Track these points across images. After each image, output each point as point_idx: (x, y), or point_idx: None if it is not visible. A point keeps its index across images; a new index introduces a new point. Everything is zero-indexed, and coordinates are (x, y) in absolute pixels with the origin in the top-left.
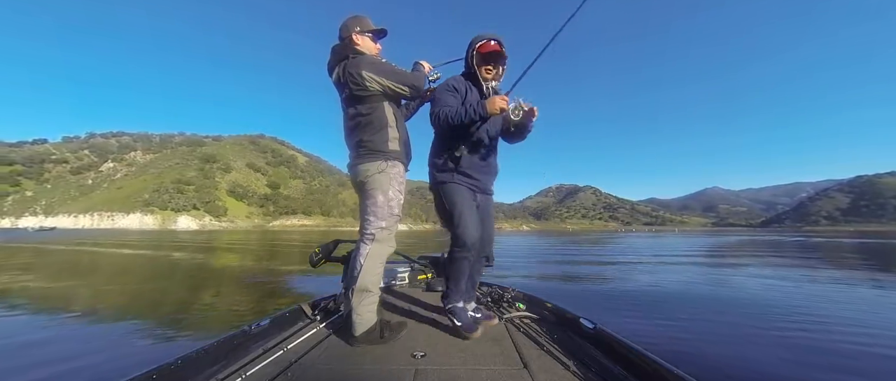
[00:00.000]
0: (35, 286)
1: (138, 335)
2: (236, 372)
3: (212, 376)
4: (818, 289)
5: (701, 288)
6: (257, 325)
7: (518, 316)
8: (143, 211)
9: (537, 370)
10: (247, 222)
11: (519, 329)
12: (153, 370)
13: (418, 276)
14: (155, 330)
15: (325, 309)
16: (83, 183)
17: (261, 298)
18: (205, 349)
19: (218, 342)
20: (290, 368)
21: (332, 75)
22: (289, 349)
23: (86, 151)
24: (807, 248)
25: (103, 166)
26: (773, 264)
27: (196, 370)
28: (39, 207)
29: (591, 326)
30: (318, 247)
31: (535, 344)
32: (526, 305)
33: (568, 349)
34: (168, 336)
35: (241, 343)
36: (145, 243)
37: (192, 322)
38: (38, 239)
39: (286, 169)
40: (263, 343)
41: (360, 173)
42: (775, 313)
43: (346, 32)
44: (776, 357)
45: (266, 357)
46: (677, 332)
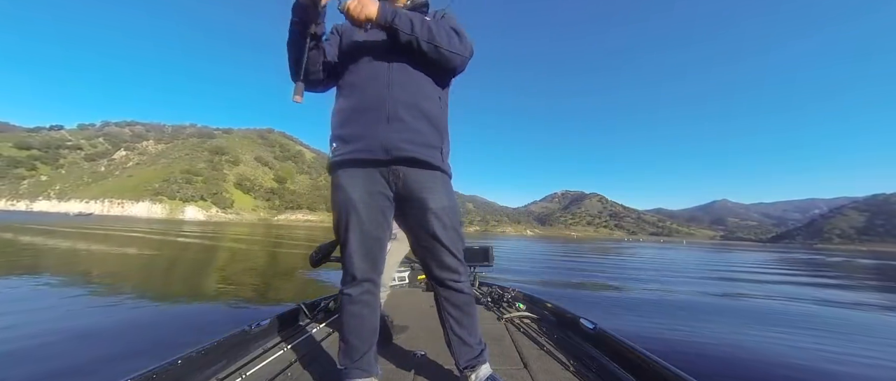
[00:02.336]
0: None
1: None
2: (236, 372)
3: (212, 376)
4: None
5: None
6: (257, 325)
7: (518, 316)
8: (152, 200)
9: (537, 370)
10: (252, 215)
11: (519, 329)
12: (153, 369)
13: (418, 276)
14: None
15: (325, 309)
16: (96, 170)
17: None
18: (205, 349)
19: (218, 342)
20: (290, 368)
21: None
22: (289, 349)
23: (100, 138)
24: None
25: (116, 154)
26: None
27: (196, 370)
28: (53, 191)
29: (591, 326)
30: (318, 246)
31: (535, 344)
32: (526, 305)
33: (568, 349)
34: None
35: (241, 343)
36: (198, 232)
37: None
38: (80, 223)
39: (293, 164)
40: (263, 343)
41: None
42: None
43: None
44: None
45: (266, 357)
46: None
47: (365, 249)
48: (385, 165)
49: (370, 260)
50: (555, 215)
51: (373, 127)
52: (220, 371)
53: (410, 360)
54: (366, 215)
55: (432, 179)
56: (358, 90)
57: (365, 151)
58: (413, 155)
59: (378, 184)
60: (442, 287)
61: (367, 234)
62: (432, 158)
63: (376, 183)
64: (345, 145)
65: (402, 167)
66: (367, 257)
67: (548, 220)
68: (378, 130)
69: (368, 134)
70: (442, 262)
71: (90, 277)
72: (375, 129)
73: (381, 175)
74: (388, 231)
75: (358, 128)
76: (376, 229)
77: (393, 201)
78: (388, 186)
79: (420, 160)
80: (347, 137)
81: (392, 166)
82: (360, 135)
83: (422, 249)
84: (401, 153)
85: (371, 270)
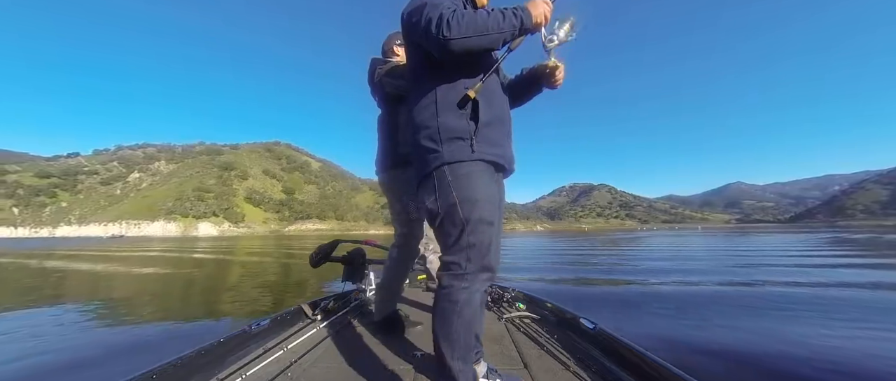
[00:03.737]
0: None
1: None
2: (236, 372)
3: (212, 376)
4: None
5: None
6: (257, 325)
7: (518, 316)
8: (166, 219)
9: (537, 370)
10: (263, 227)
11: (519, 329)
12: (153, 369)
13: (418, 276)
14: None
15: (325, 309)
16: (112, 193)
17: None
18: (205, 349)
19: (218, 342)
20: (290, 368)
21: (369, 86)
22: (289, 349)
23: (114, 162)
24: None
25: (130, 177)
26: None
27: (196, 370)
28: (73, 216)
29: (591, 326)
30: (318, 247)
31: (535, 344)
32: (526, 305)
33: (568, 349)
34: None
35: (241, 343)
36: (211, 248)
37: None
38: (115, 245)
39: (300, 175)
40: (263, 343)
41: (383, 181)
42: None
43: (387, 46)
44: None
45: (266, 357)
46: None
47: (498, 244)
48: (503, 174)
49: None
50: (564, 209)
51: (506, 139)
52: (220, 371)
53: (410, 360)
54: (499, 216)
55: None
56: (497, 100)
57: (502, 158)
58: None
59: (500, 189)
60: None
61: (499, 233)
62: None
63: (499, 188)
64: (490, 147)
65: (505, 179)
66: (498, 252)
67: (557, 214)
68: (507, 143)
69: (505, 144)
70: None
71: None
72: (507, 141)
73: (497, 182)
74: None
75: (498, 135)
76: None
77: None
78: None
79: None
80: (494, 140)
81: (502, 176)
82: (500, 143)
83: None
84: (513, 169)
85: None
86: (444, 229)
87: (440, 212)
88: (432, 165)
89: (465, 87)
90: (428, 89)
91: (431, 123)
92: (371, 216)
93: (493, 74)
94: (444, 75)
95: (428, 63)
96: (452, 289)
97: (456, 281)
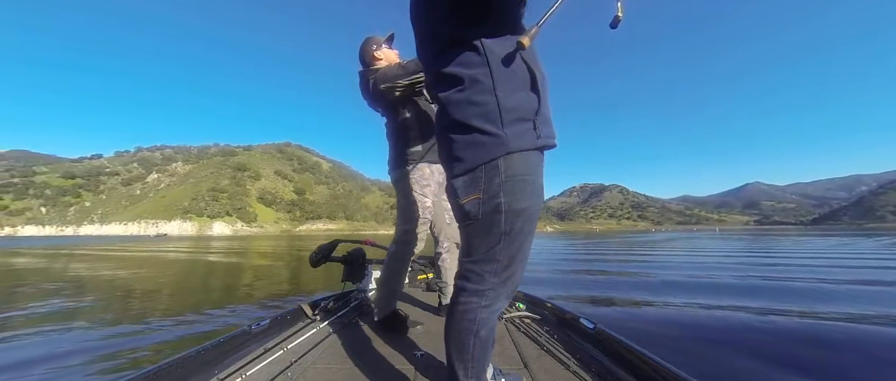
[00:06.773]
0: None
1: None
2: (236, 372)
3: (212, 376)
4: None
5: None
6: (257, 325)
7: (518, 316)
8: (182, 218)
9: (537, 370)
10: (275, 227)
11: (519, 329)
12: (153, 369)
13: (418, 276)
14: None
15: (325, 309)
16: (132, 194)
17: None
18: (205, 349)
19: (218, 342)
20: (290, 368)
21: (366, 99)
22: (289, 349)
23: (134, 164)
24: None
25: (149, 177)
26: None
27: (196, 370)
28: (96, 216)
29: (591, 326)
30: (318, 247)
31: (535, 344)
32: (526, 305)
33: (568, 349)
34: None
35: (241, 343)
36: (225, 248)
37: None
38: (161, 243)
39: (311, 175)
40: (263, 343)
41: (395, 179)
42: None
43: (366, 55)
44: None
45: (266, 357)
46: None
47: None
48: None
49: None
50: (574, 210)
51: (550, 116)
52: (220, 371)
53: (412, 360)
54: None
55: None
56: (537, 55)
57: (554, 138)
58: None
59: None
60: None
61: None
62: None
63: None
64: (547, 126)
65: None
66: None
67: (567, 215)
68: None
69: (550, 122)
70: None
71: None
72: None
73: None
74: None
75: (548, 107)
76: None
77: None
78: None
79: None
80: (548, 115)
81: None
82: (550, 117)
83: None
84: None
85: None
86: (477, 235)
87: (478, 215)
88: (487, 155)
89: (515, 40)
90: (471, 59)
91: (484, 99)
92: (380, 217)
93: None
94: (490, 31)
95: (467, 22)
96: (470, 307)
97: (475, 297)
